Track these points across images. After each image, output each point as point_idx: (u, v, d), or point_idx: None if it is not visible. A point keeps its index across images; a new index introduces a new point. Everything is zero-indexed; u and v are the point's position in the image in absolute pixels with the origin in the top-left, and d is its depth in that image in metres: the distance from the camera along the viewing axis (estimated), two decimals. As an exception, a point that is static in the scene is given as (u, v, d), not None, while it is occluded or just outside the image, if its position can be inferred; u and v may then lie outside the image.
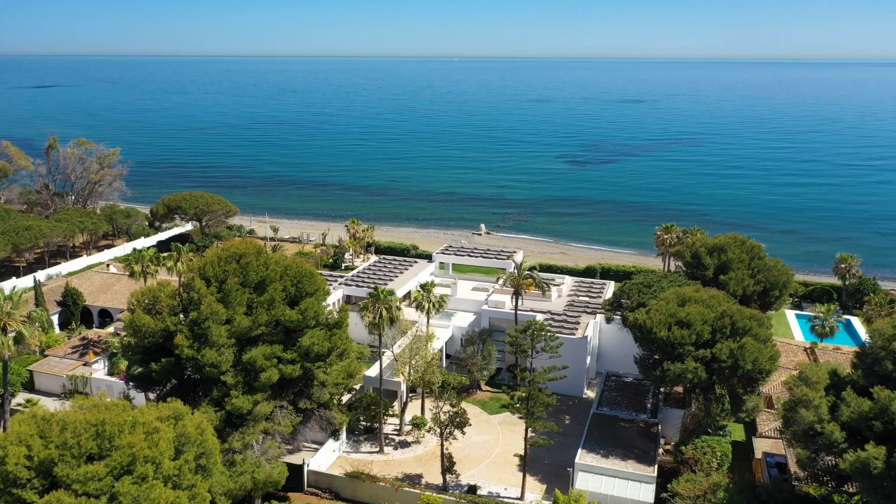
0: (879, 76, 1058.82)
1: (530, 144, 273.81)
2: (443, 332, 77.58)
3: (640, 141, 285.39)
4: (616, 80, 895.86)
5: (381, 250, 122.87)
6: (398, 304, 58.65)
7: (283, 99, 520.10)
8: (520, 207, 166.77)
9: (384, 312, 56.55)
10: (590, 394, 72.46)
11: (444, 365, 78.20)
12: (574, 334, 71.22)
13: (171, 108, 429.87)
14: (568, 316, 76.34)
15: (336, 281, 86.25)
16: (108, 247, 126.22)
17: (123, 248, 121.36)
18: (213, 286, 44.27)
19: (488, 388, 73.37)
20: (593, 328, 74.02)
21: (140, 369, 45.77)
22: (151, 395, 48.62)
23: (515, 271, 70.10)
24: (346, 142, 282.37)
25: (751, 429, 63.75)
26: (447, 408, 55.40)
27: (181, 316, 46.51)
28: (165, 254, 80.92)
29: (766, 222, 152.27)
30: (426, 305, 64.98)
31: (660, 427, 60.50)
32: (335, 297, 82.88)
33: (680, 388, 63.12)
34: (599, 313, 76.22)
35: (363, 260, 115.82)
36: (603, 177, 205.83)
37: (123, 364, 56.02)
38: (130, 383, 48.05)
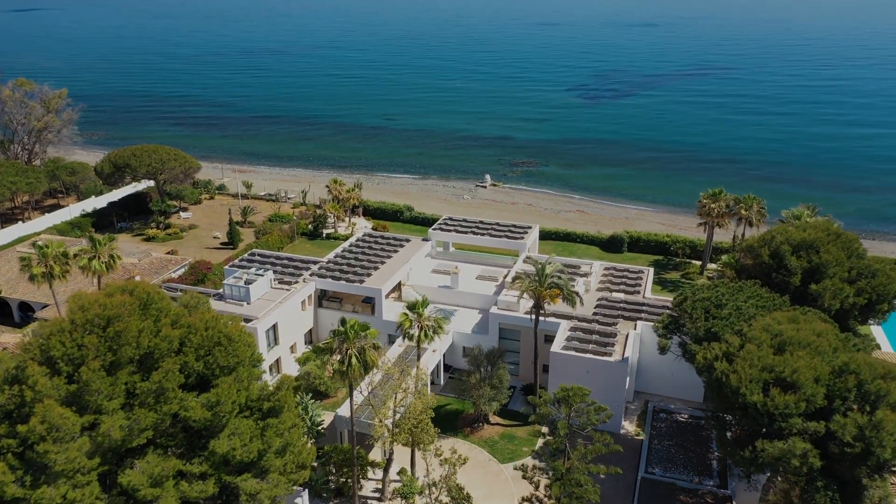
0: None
1: (538, 76, 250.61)
2: (441, 338, 61.23)
3: (658, 72, 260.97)
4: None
5: (370, 212, 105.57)
6: (374, 341, 41.69)
7: (277, 24, 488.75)
8: (529, 152, 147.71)
9: (354, 359, 39.73)
10: (627, 426, 56.44)
11: (443, 382, 62.24)
12: (610, 355, 54.62)
13: (155, 34, 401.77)
14: (600, 324, 59.45)
15: (307, 270, 69.13)
16: (55, 207, 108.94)
17: (70, 211, 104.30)
18: (61, 376, 27.32)
19: (498, 419, 57.05)
20: (633, 342, 57.28)
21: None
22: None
23: (536, 280, 52.39)
24: (340, 73, 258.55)
25: None
26: (443, 497, 39.47)
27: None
28: (76, 248, 62.96)
29: (806, 171, 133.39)
30: (416, 333, 47.90)
31: (734, 502, 44.71)
32: (305, 292, 66.04)
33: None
34: (641, 321, 59.37)
35: (348, 226, 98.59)
36: (619, 115, 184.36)
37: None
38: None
